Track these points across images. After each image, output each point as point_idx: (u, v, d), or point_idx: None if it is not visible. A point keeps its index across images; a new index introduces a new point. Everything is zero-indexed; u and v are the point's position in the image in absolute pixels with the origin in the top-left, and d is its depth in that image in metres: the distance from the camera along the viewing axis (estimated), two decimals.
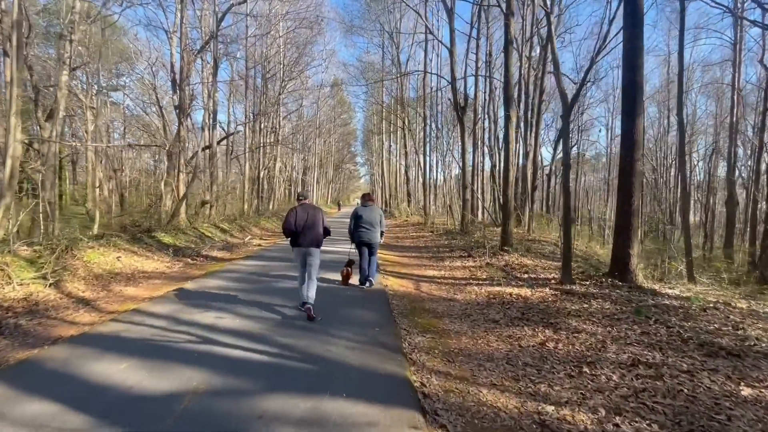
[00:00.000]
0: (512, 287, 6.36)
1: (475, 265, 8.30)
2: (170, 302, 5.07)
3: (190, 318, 4.39)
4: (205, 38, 16.67)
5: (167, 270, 7.70)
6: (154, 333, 3.90)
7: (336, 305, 5.11)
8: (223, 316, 4.47)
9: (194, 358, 3.32)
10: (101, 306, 5.06)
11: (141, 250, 8.67)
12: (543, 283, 6.52)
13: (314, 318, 4.43)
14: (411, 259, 9.58)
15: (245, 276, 6.87)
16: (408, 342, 4.00)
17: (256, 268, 7.63)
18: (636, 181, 6.03)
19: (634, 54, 5.97)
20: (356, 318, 4.60)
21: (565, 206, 6.14)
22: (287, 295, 5.58)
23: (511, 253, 8.55)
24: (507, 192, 8.63)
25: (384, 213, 7.29)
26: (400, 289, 6.30)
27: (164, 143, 14.80)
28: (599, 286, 6.03)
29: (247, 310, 4.74)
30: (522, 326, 4.64)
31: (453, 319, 4.92)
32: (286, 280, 6.50)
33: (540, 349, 3.97)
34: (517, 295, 5.92)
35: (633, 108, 5.96)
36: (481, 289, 6.41)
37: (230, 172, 23.31)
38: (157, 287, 6.12)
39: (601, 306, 5.22)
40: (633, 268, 6.07)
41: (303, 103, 29.03)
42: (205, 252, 9.68)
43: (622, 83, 6.16)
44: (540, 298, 5.71)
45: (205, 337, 3.81)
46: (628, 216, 6.08)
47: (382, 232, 6.47)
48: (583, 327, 4.54)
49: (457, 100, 12.85)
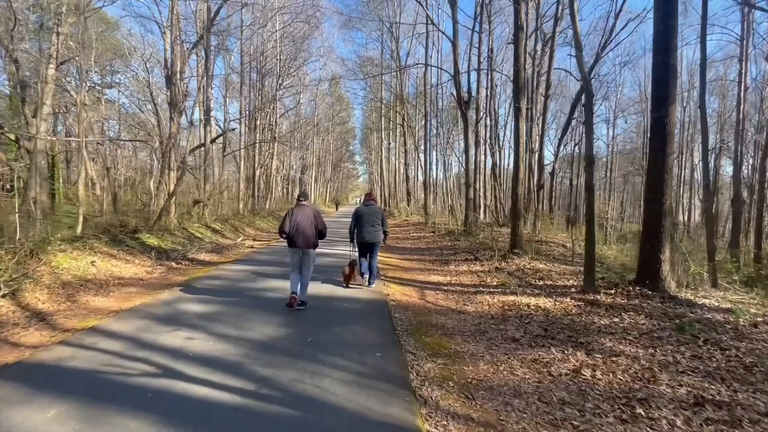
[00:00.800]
0: (528, 296, 5.64)
1: (483, 270, 7.57)
2: (137, 317, 4.32)
3: (155, 339, 3.64)
4: (200, 33, 15.89)
5: (146, 276, 6.94)
6: (106, 362, 3.15)
7: (331, 321, 4.37)
8: (194, 337, 3.72)
9: (146, 399, 2.58)
10: (58, 322, 4.30)
11: (121, 254, 7.91)
12: (562, 291, 5.79)
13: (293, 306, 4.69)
14: (413, 263, 8.84)
15: (229, 284, 6.12)
16: (416, 371, 3.26)
17: (243, 274, 6.88)
18: (668, 177, 5.31)
19: (667, 34, 5.24)
20: (354, 338, 3.86)
21: (588, 206, 5.42)
22: (274, 308, 4.84)
23: (521, 257, 7.83)
24: (517, 190, 7.91)
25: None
26: (403, 299, 5.57)
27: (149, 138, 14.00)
28: (627, 296, 5.31)
29: (225, 329, 3.99)
30: (548, 347, 3.91)
31: (466, 338, 4.19)
32: (274, 291, 5.75)
33: (575, 379, 3.24)
34: (536, 306, 5.20)
35: (665, 95, 5.23)
36: (494, 298, 5.68)
37: (224, 171, 22.53)
38: (130, 297, 5.37)
39: (635, 321, 4.50)
40: (665, 276, 5.35)
41: (300, 100, 28.24)
42: (191, 255, 8.92)
43: (653, 68, 5.42)
44: (562, 311, 4.98)
45: (167, 367, 3.06)
46: (658, 216, 5.36)
47: (385, 232, 6.22)
48: (620, 348, 3.82)
49: (461, 95, 12.11)
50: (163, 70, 15.63)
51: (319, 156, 40.12)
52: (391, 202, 28.83)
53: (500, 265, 7.62)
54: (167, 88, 14.63)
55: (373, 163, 38.88)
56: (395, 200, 29.06)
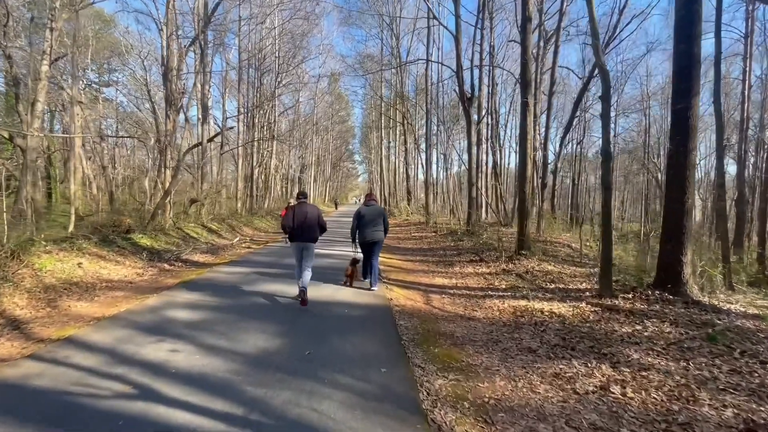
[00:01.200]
0: (540, 301, 5.27)
1: (489, 272, 7.20)
2: (119, 326, 3.94)
3: (136, 352, 3.27)
4: (197, 28, 15.51)
5: (136, 278, 6.56)
6: (77, 380, 2.77)
7: (330, 329, 3.99)
8: (179, 349, 3.35)
9: (116, 429, 2.21)
10: (34, 331, 3.92)
11: (111, 255, 7.53)
12: (576, 295, 5.43)
13: (306, 304, 4.80)
14: (416, 264, 8.47)
15: (223, 288, 5.74)
16: (426, 389, 2.89)
17: (237, 277, 6.50)
18: (690, 175, 4.95)
19: (690, 21, 4.88)
20: (356, 350, 3.49)
21: (605, 205, 5.05)
22: (269, 315, 4.47)
23: (529, 258, 7.47)
24: (524, 189, 7.54)
25: None
26: (407, 304, 5.20)
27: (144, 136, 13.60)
28: (647, 301, 4.95)
29: (214, 339, 3.61)
30: (569, 359, 3.55)
31: (478, 348, 3.82)
32: (270, 295, 5.37)
33: (604, 398, 2.88)
34: (550, 312, 4.83)
35: (689, 86, 4.87)
36: (504, 303, 5.31)
37: (222, 170, 22.12)
38: (115, 302, 4.99)
39: (660, 329, 4.14)
40: (686, 279, 4.99)
41: (300, 99, 27.84)
42: (185, 256, 8.54)
43: (675, 58, 5.07)
44: (579, 317, 4.62)
45: (146, 387, 2.69)
46: (679, 216, 5.00)
47: (386, 230, 6.13)
48: (648, 361, 3.46)
49: (464, 91, 11.74)
50: (160, 68, 15.26)
51: (319, 155, 39.71)
52: (391, 201, 28.44)
53: (507, 267, 7.25)
54: (164, 85, 14.27)
55: (373, 162, 38.49)
56: (395, 199, 28.68)
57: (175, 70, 14.21)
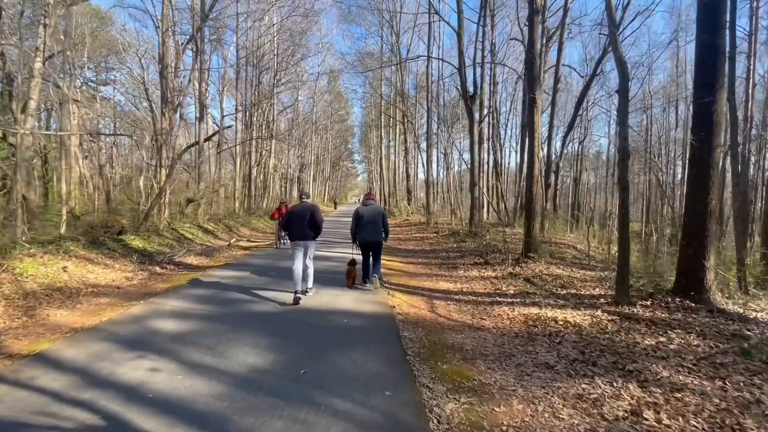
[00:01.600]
0: (553, 308, 4.92)
1: (496, 276, 6.85)
2: (97, 339, 3.59)
3: (111, 372, 2.91)
4: (195, 24, 15.15)
5: (124, 283, 6.20)
6: (39, 407, 2.42)
7: (328, 343, 3.64)
8: (160, 368, 3.00)
9: None
10: (4, 344, 3.56)
11: (100, 257, 7.17)
12: (590, 302, 5.09)
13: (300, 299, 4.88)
14: (418, 267, 8.12)
15: (214, 293, 5.38)
16: (437, 416, 2.54)
17: (231, 281, 6.14)
18: (714, 173, 4.61)
19: (714, 9, 4.53)
20: (356, 368, 3.13)
21: (622, 205, 4.71)
22: (262, 325, 4.12)
23: (536, 261, 7.12)
24: (532, 189, 7.19)
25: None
26: (411, 312, 4.85)
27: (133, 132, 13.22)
28: (667, 309, 4.61)
29: (200, 355, 3.26)
30: (591, 376, 3.20)
31: (490, 363, 3.47)
32: (265, 302, 5.02)
33: (637, 425, 2.53)
34: (564, 320, 4.48)
35: (713, 79, 4.52)
36: (513, 310, 4.97)
37: (221, 170, 21.73)
38: (99, 310, 4.63)
39: (687, 341, 3.80)
40: (709, 286, 4.65)
41: (299, 97, 27.45)
42: (179, 258, 8.18)
43: (698, 50, 4.72)
44: (597, 327, 4.27)
45: (116, 416, 2.33)
46: (702, 218, 4.66)
47: (386, 231, 5.98)
48: (679, 379, 3.11)
49: (466, 89, 11.38)
50: (157, 66, 14.91)
51: (318, 154, 39.33)
52: (391, 201, 28.07)
53: (514, 270, 6.91)
54: (160, 82, 13.92)
55: (373, 161, 38.12)
56: (395, 199, 28.30)
57: (171, 67, 13.86)
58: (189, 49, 16.17)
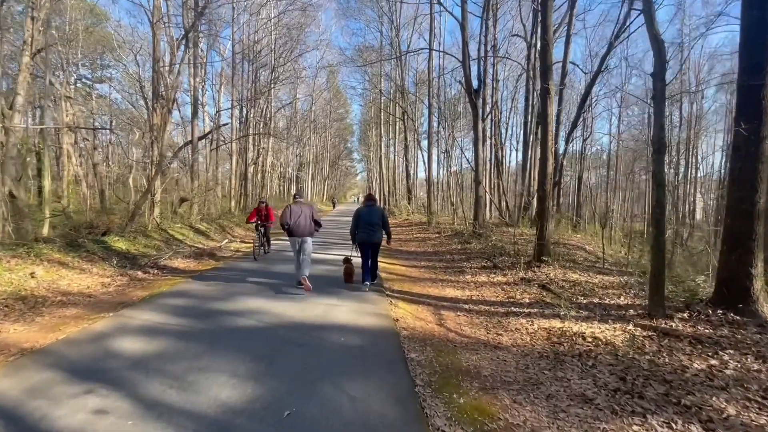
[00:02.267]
0: (578, 321, 4.31)
1: (507, 281, 6.24)
2: (44, 365, 2.97)
3: (44, 415, 2.29)
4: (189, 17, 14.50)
5: (99, 290, 5.57)
6: None
7: (320, 371, 3.01)
8: (110, 408, 2.37)
9: None
10: None
11: (76, 261, 6.54)
12: (618, 314, 4.48)
13: (311, 288, 5.28)
14: (421, 271, 7.50)
15: (195, 304, 4.75)
16: None
17: (216, 289, 5.50)
18: (764, 169, 3.99)
19: None
20: (354, 408, 2.51)
21: (658, 204, 4.10)
22: (244, 345, 3.50)
23: (550, 265, 6.51)
24: (545, 186, 6.56)
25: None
26: (417, 326, 4.23)
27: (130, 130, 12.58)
28: (709, 323, 4.00)
29: (162, 388, 2.64)
30: (642, 414, 2.59)
31: (515, 395, 2.86)
32: (251, 315, 4.39)
33: None
34: (593, 336, 3.88)
35: (762, 59, 3.91)
36: (532, 323, 4.36)
37: (218, 167, 21.07)
38: (60, 324, 4.01)
39: (743, 364, 3.19)
40: (756, 295, 4.05)
41: (297, 95, 26.79)
42: (164, 261, 7.55)
43: (743, 28, 4.10)
44: (633, 345, 3.66)
45: None
46: (748, 219, 4.05)
47: (387, 232, 5.88)
48: (751, 418, 2.51)
49: (470, 82, 10.75)
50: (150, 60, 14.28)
51: (317, 153, 38.67)
52: (391, 200, 27.41)
53: (526, 276, 6.29)
54: (152, 78, 13.28)
55: (372, 160, 37.44)
56: (395, 198, 27.66)
57: (164, 61, 13.22)
58: (183, 45, 15.52)
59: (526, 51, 18.83)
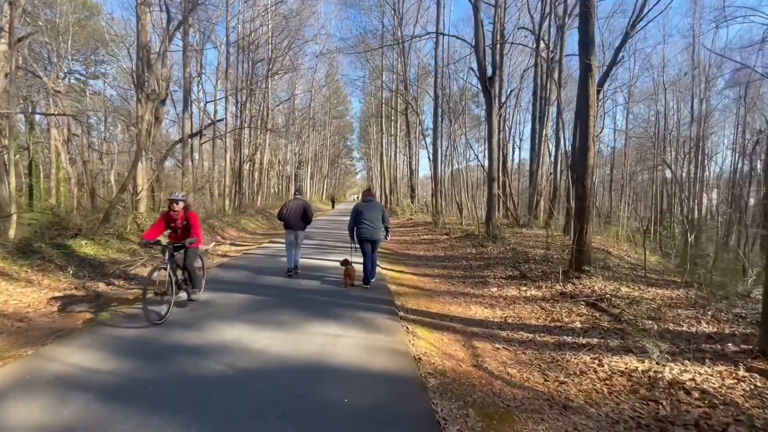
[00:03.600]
0: (662, 362, 3.14)
1: (543, 296, 5.07)
2: None
3: None
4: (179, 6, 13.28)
5: (41, 309, 4.37)
6: None
7: None
8: None
9: None
10: None
11: (24, 271, 5.34)
12: (715, 350, 3.31)
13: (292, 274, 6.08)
14: (436, 282, 6.31)
15: (154, 335, 3.56)
16: None
17: (185, 312, 4.31)
18: None
19: None
20: None
21: None
22: (203, 410, 2.31)
23: (592, 276, 5.35)
24: (585, 182, 5.38)
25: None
26: (447, 368, 3.05)
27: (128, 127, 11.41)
28: None
29: None
30: None
31: None
32: (223, 353, 3.19)
33: None
34: (698, 389, 2.71)
35: None
36: (600, 362, 3.18)
37: (214, 164, 19.84)
38: None
39: None
40: None
41: (296, 91, 25.55)
42: (135, 270, 6.36)
43: None
44: (761, 404, 2.50)
45: None
46: None
47: (387, 229, 5.61)
48: None
49: (484, 68, 9.57)
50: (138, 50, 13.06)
51: (316, 151, 37.40)
52: (392, 199, 26.19)
53: (566, 289, 5.13)
54: (136, 66, 12.05)
55: (372, 157, 36.18)
56: (396, 197, 26.44)
57: (149, 48, 12.00)
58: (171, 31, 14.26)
59: (534, 44, 17.77)
